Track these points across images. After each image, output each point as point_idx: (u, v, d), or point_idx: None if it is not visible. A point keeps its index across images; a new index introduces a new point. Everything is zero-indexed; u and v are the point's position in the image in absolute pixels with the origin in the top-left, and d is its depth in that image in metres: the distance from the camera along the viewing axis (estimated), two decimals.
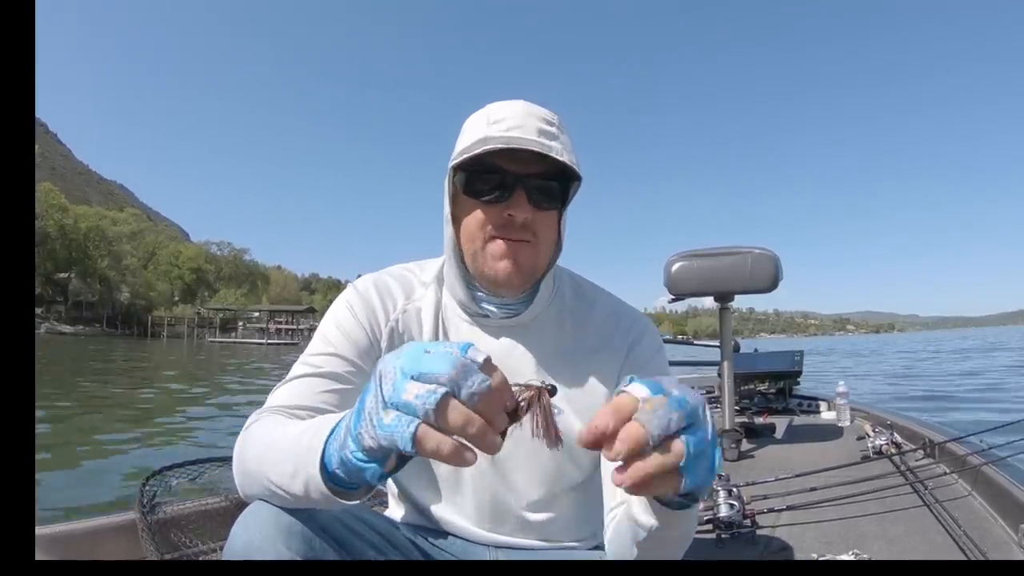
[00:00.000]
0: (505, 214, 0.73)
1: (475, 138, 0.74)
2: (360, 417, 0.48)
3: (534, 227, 0.75)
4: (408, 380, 0.45)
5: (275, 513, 0.61)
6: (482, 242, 0.76)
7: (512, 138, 0.71)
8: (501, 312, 0.81)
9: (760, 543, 1.54)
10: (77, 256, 55.42)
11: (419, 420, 0.44)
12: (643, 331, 0.85)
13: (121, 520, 1.30)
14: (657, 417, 0.45)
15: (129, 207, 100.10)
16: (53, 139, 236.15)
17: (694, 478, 0.47)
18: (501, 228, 0.75)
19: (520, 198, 0.73)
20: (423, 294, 0.84)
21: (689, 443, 0.46)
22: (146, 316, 61.47)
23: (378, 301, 0.82)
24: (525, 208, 0.73)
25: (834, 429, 2.94)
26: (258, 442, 0.66)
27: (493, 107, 0.77)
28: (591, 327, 0.84)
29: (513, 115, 0.74)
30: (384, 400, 0.46)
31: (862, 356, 26.77)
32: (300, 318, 70.99)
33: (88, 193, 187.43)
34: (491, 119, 0.75)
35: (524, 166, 0.73)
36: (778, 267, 2.43)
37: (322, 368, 0.76)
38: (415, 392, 0.44)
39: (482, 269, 0.77)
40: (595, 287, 0.90)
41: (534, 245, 0.76)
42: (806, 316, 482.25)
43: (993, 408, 7.25)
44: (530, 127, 0.73)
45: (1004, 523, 1.57)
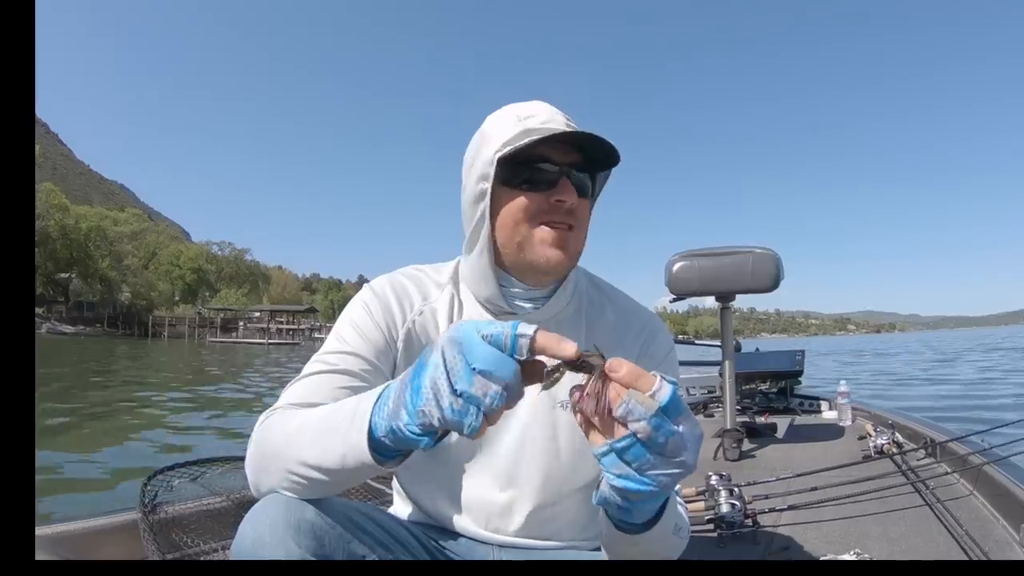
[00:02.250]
0: (554, 200, 0.76)
1: (512, 133, 0.76)
2: (420, 394, 0.52)
3: (576, 214, 0.78)
4: (475, 374, 0.50)
5: (285, 509, 0.62)
6: (530, 230, 0.77)
7: (560, 129, 0.74)
8: (530, 307, 0.83)
9: (761, 543, 1.54)
10: (78, 256, 55.42)
11: (483, 413, 0.50)
12: (656, 331, 0.87)
13: (122, 520, 1.30)
14: (636, 407, 0.49)
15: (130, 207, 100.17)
16: (54, 139, 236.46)
17: (619, 479, 0.52)
18: (549, 214, 0.77)
19: (567, 185, 0.76)
20: (438, 296, 0.85)
21: (630, 446, 0.50)
22: (147, 316, 61.43)
23: (395, 302, 0.83)
24: (573, 194, 0.76)
25: (835, 429, 2.94)
26: (279, 431, 0.67)
27: (517, 106, 0.80)
28: (606, 325, 0.86)
29: (542, 111, 0.78)
30: (452, 387, 0.50)
31: (887, 355, 25.91)
32: (301, 318, 71.05)
33: (89, 193, 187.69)
34: (521, 116, 0.78)
35: (565, 156, 0.76)
36: (779, 267, 2.43)
37: (337, 366, 0.76)
38: (483, 390, 0.50)
39: (529, 258, 0.78)
40: (611, 286, 0.92)
41: (576, 232, 0.79)
42: (807, 316, 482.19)
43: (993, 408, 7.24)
44: (560, 121, 0.77)
45: (1006, 523, 1.57)
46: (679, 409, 0.51)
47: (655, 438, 0.50)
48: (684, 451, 0.51)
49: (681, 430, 0.51)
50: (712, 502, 1.59)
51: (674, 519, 0.69)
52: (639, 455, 0.50)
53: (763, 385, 3.70)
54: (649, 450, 0.50)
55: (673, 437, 0.50)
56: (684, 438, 0.51)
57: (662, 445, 0.50)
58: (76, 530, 1.24)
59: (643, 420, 0.49)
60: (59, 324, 50.97)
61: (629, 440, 0.50)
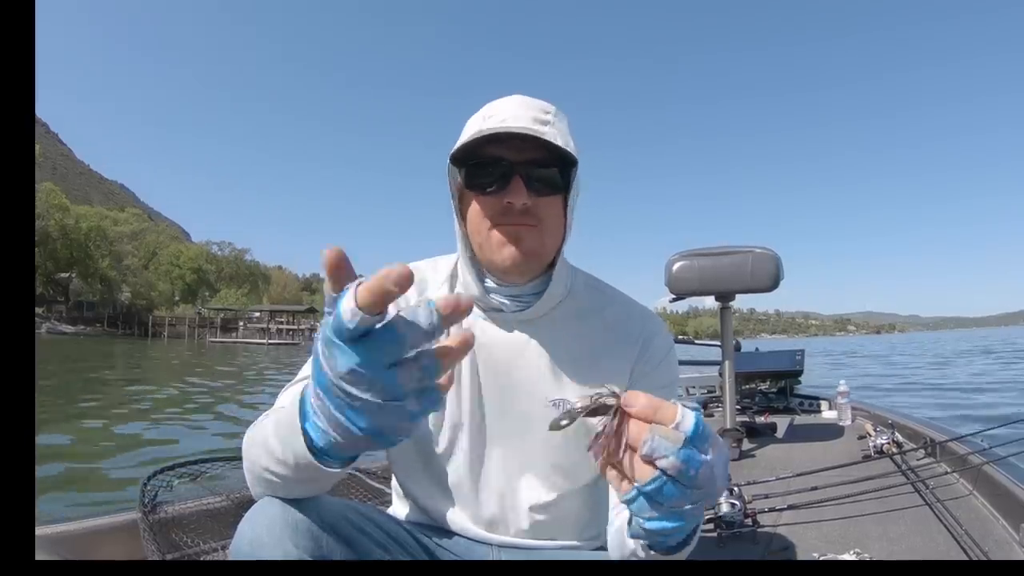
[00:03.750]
0: (504, 202, 0.74)
1: (470, 132, 0.75)
2: (327, 432, 0.49)
3: (536, 213, 0.76)
4: (371, 375, 0.44)
5: (283, 510, 0.62)
6: (486, 232, 0.76)
7: (502, 128, 0.72)
8: (513, 305, 0.81)
9: (761, 542, 1.54)
10: (78, 256, 55.40)
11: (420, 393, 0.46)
12: (657, 330, 0.86)
13: (122, 520, 1.30)
14: (661, 443, 0.46)
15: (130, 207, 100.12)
16: (54, 139, 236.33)
17: (651, 521, 0.49)
18: (502, 216, 0.75)
19: (517, 184, 0.74)
20: (435, 290, 0.85)
21: (662, 486, 0.46)
22: (147, 316, 61.39)
23: None
24: (522, 194, 0.74)
25: (835, 428, 2.94)
26: (255, 439, 0.66)
27: (490, 104, 0.79)
28: (605, 325, 0.85)
29: (507, 108, 0.76)
30: (355, 412, 0.46)
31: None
32: (301, 318, 70.93)
33: (89, 193, 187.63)
34: (486, 115, 0.77)
35: (520, 154, 0.74)
36: (779, 267, 2.43)
37: None
38: (406, 381, 0.44)
39: (490, 258, 0.78)
40: (611, 287, 0.91)
41: (538, 230, 0.77)
42: (807, 316, 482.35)
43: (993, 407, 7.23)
44: (524, 117, 0.74)
45: (1005, 522, 1.57)
46: (706, 436, 0.47)
47: (685, 472, 0.46)
48: (715, 478, 0.48)
49: (710, 458, 0.47)
50: (711, 502, 1.60)
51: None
52: (671, 494, 0.47)
53: (763, 385, 3.70)
54: (681, 486, 0.46)
55: (703, 468, 0.46)
56: (714, 465, 0.47)
57: (693, 478, 0.46)
58: (76, 530, 1.24)
59: (671, 456, 0.45)
60: (59, 324, 50.96)
61: (659, 481, 0.46)
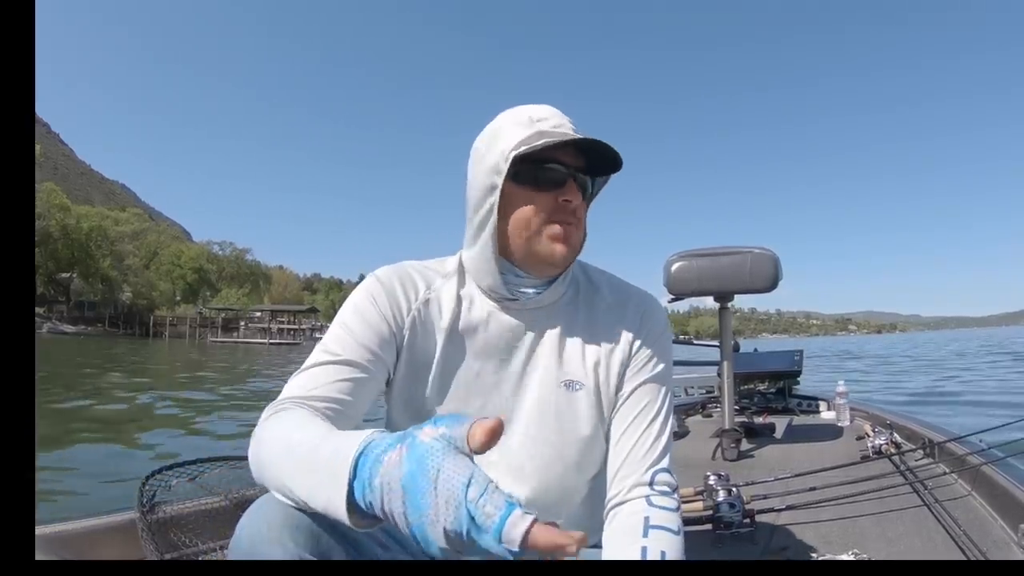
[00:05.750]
0: (561, 200, 0.81)
1: (527, 133, 0.79)
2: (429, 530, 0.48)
3: (578, 214, 0.84)
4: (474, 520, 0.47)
5: (283, 507, 0.62)
6: (539, 226, 0.81)
7: (570, 134, 0.80)
8: (532, 293, 0.86)
9: (760, 543, 1.54)
10: (79, 256, 55.40)
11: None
12: (652, 308, 0.92)
13: (120, 520, 1.30)
14: None
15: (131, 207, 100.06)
16: (55, 139, 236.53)
17: None
18: (556, 212, 0.81)
19: (573, 187, 0.81)
20: (442, 284, 0.87)
21: None
22: (148, 316, 61.36)
23: (400, 291, 0.84)
24: (578, 195, 0.82)
25: (834, 429, 2.94)
26: (271, 445, 0.65)
27: (528, 108, 0.84)
28: (603, 305, 0.90)
29: (552, 115, 0.83)
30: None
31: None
32: (302, 318, 71.00)
33: (90, 193, 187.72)
34: (534, 118, 0.82)
35: (572, 160, 0.82)
36: (777, 267, 2.43)
37: (340, 356, 0.77)
38: (488, 518, 0.47)
39: (538, 251, 0.82)
40: (600, 270, 0.96)
41: (579, 229, 0.84)
42: (808, 316, 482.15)
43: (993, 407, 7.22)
44: (568, 127, 0.82)
45: (1004, 523, 1.57)
46: None
47: None
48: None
49: None
50: (711, 502, 1.60)
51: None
52: None
53: (761, 385, 3.70)
54: None
55: None
56: None
57: None
58: (74, 530, 1.24)
59: None
60: (60, 324, 50.98)
61: None
